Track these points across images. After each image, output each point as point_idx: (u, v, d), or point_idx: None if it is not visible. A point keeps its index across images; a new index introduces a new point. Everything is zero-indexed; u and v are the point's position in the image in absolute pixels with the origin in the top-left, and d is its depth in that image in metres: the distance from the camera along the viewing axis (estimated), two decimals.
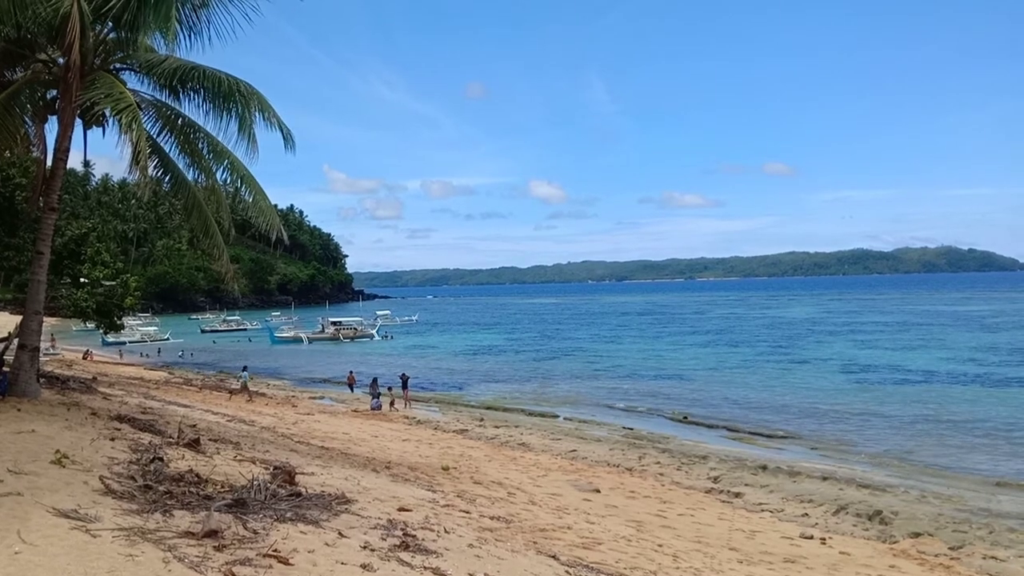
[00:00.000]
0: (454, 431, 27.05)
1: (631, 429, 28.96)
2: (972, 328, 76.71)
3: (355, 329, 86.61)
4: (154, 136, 15.71)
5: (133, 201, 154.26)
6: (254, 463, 10.49)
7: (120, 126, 13.09)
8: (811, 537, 14.08)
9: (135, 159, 12.99)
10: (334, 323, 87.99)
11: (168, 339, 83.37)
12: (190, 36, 14.86)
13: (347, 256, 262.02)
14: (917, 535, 15.00)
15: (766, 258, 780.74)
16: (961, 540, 14.71)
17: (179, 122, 15.89)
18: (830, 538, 14.27)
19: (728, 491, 18.78)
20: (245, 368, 36.96)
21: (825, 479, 20.04)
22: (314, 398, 37.00)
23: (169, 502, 6.72)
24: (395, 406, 32.77)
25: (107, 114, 14.01)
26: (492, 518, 10.83)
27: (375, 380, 34.16)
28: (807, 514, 16.68)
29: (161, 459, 8.47)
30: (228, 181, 16.42)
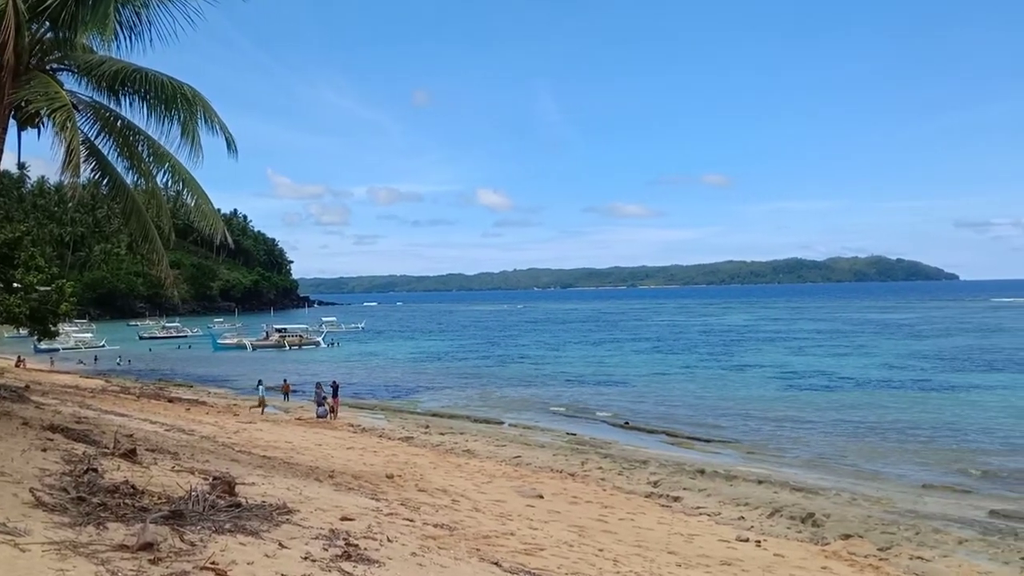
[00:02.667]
0: (399, 438, 26.95)
1: (574, 435, 29.26)
2: (899, 336, 79.38)
3: (301, 336, 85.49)
4: (91, 138, 15.37)
5: (70, 204, 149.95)
6: (193, 473, 10.35)
7: (54, 127, 12.81)
8: (747, 540, 14.41)
9: (68, 161, 12.72)
10: (279, 330, 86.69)
11: (104, 346, 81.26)
12: (130, 37, 14.58)
13: (292, 262, 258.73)
14: (848, 537, 15.46)
15: (705, 266, 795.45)
16: (889, 541, 15.21)
17: (118, 124, 15.56)
18: (765, 540, 14.62)
19: (667, 495, 19.11)
20: (260, 382, 35.98)
21: (760, 482, 20.53)
22: (256, 406, 36.38)
23: (103, 514, 6.60)
24: (335, 413, 32.39)
25: (42, 114, 13.68)
26: (436, 526, 10.85)
27: (319, 384, 33.76)
28: (743, 517, 17.06)
29: (96, 470, 8.31)
30: (169, 184, 16.15)
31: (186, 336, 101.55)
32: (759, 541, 14.46)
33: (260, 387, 34.98)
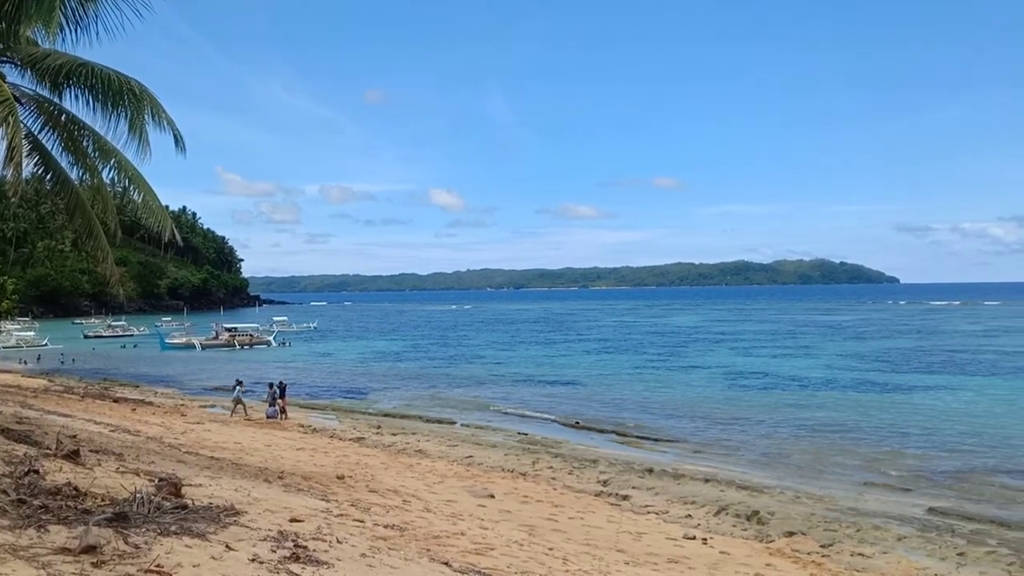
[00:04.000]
0: (351, 439, 26.79)
1: (526, 434, 29.40)
2: (841, 337, 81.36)
3: (251, 335, 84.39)
4: (35, 133, 15.05)
5: (12, 200, 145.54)
6: (138, 475, 10.19)
7: None
8: (694, 538, 14.66)
9: (10, 156, 12.44)
10: (229, 329, 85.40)
11: (47, 344, 79.29)
12: (76, 30, 14.31)
13: (242, 260, 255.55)
14: (791, 534, 15.81)
15: (655, 268, 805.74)
16: (831, 538, 15.59)
17: (63, 119, 15.25)
18: (711, 538, 14.88)
19: (617, 494, 19.32)
20: (240, 383, 35.11)
21: (707, 481, 20.87)
22: (205, 406, 35.91)
23: (44, 517, 6.49)
24: (285, 414, 32.05)
25: None
26: (386, 526, 10.84)
27: (271, 385, 33.37)
28: (690, 515, 17.34)
29: (37, 472, 8.15)
30: (115, 181, 15.88)
31: (132, 335, 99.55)
32: (706, 539, 14.72)
33: (238, 388, 34.14)
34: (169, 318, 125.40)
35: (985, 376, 45.64)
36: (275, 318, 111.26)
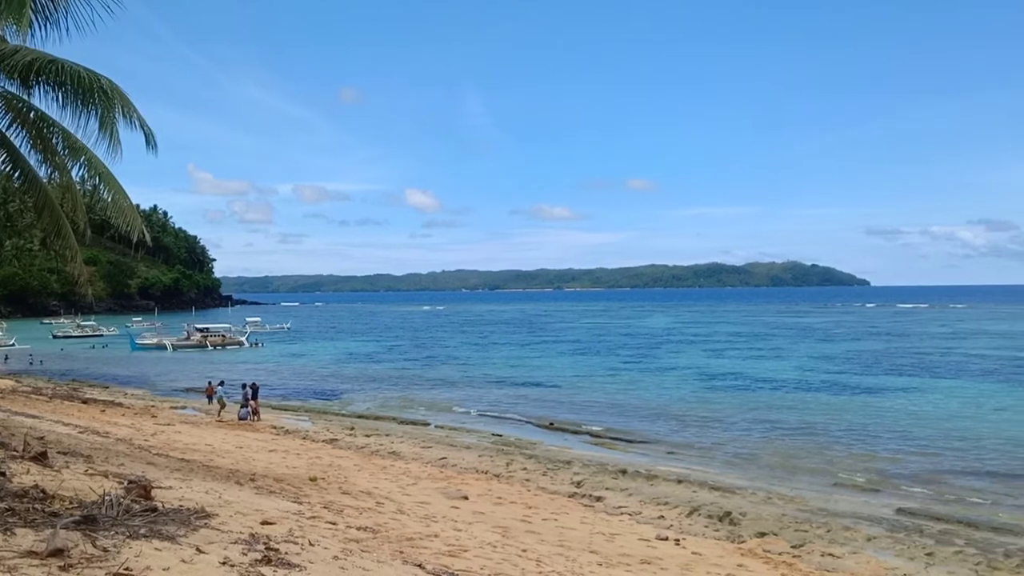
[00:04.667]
0: (324, 441, 26.66)
1: (500, 436, 29.44)
2: (812, 339, 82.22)
3: (223, 336, 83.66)
4: (3, 130, 14.81)
5: None
6: (107, 477, 10.08)
7: None
8: (666, 538, 14.74)
9: None
10: (200, 330, 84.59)
11: (14, 344, 78.18)
12: (46, 26, 14.12)
13: (214, 260, 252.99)
14: (763, 535, 15.96)
15: (629, 270, 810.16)
16: (802, 539, 15.76)
17: (31, 116, 15.02)
18: (684, 539, 14.98)
19: (590, 495, 19.39)
20: (222, 383, 34.67)
21: (680, 482, 21.02)
22: (176, 408, 35.56)
23: (11, 520, 6.40)
24: (257, 415, 31.82)
25: None
26: (359, 529, 10.80)
27: (243, 386, 33.12)
28: (663, 516, 17.44)
29: (3, 474, 8.04)
30: (85, 179, 15.66)
31: (102, 335, 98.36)
32: (678, 540, 14.81)
33: (220, 389, 33.83)
34: (140, 318, 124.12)
35: (953, 378, 46.32)
36: (248, 319, 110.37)
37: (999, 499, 19.88)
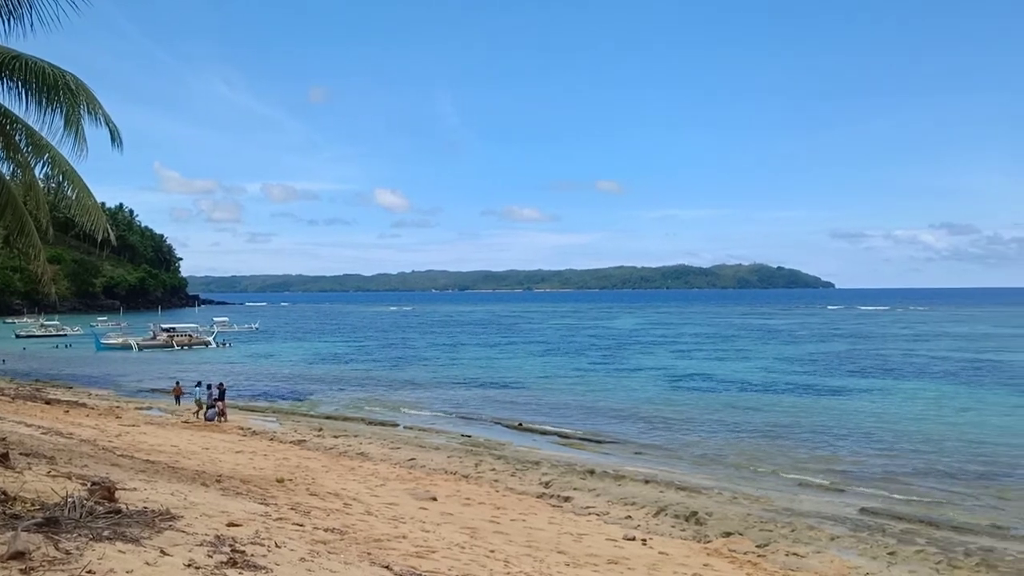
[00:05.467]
0: (291, 442, 26.49)
1: (469, 436, 29.48)
2: (777, 341, 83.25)
3: (190, 336, 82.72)
4: None
5: None
6: (70, 479, 9.96)
7: None
8: (633, 538, 14.86)
9: None
10: (166, 329, 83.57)
11: None
12: (9, 21, 13.88)
13: (181, 259, 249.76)
14: (728, 534, 16.14)
15: (598, 271, 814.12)
16: (767, 538, 15.96)
17: None
18: (650, 539, 15.10)
19: (558, 495, 19.48)
20: (199, 384, 34.09)
21: (647, 482, 21.19)
22: (141, 408, 35.10)
23: None
24: (224, 416, 31.54)
25: None
26: (326, 530, 10.77)
27: (209, 386, 32.80)
28: (630, 516, 17.57)
29: None
30: (49, 176, 15.43)
31: (66, 335, 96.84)
32: (645, 540, 14.93)
33: (198, 389, 33.35)
34: (105, 318, 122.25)
35: (914, 380, 47.11)
36: (216, 319, 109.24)
37: (959, 499, 20.26)
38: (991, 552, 15.39)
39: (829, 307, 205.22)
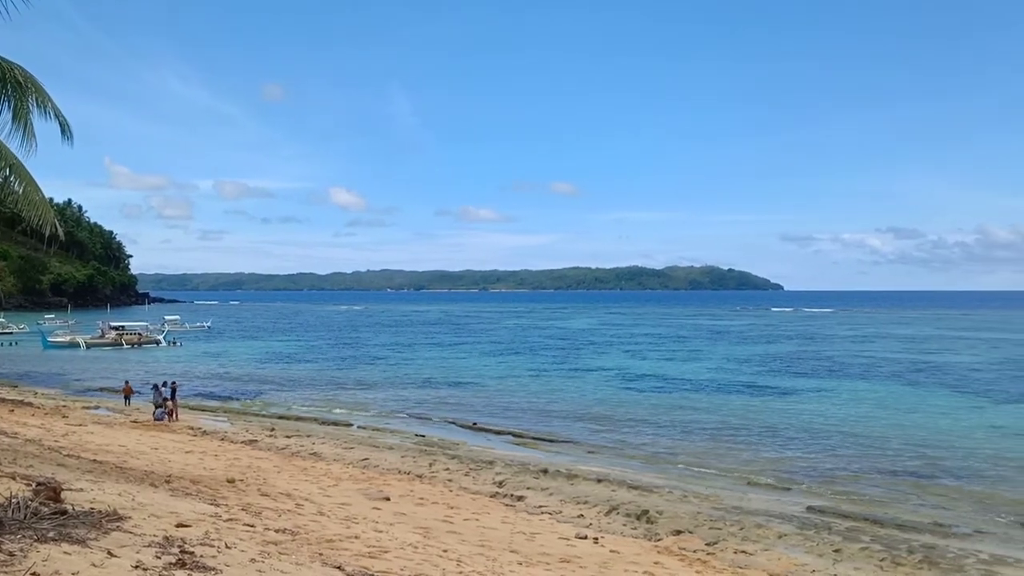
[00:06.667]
0: (243, 442, 26.20)
1: (423, 436, 29.46)
2: (727, 342, 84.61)
3: (139, 335, 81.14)
4: None
5: None
6: (14, 479, 9.76)
7: None
8: (585, 537, 15.02)
9: None
10: (115, 327, 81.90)
11: None
12: None
13: (131, 256, 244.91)
14: (679, 533, 16.40)
15: (553, 272, 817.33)
16: (716, 536, 16.25)
17: None
18: (602, 537, 15.28)
19: (512, 495, 19.58)
20: (166, 383, 33.14)
21: (600, 481, 21.39)
22: (88, 408, 34.38)
23: None
24: (173, 415, 31.04)
25: None
26: (278, 531, 10.71)
27: (156, 387, 32.22)
28: (582, 515, 17.75)
29: None
30: None
31: (12, 333, 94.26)
32: (597, 538, 15.10)
33: (166, 390, 32.42)
34: (52, 315, 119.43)
35: (860, 381, 48.19)
36: (167, 317, 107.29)
37: (903, 497, 20.82)
38: (933, 549, 15.81)
39: (773, 308, 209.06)
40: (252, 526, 10.58)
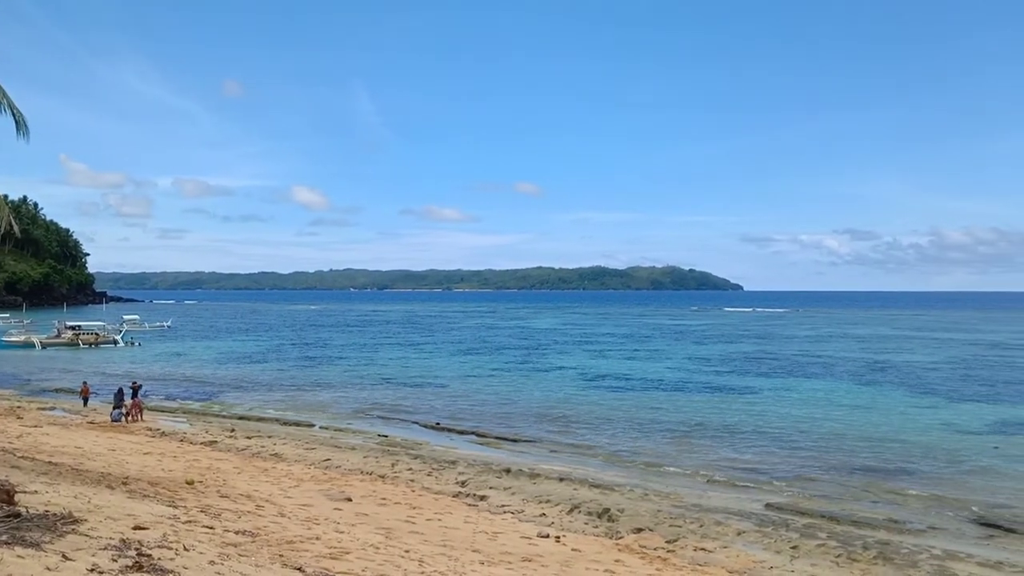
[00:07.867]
0: (202, 443, 25.92)
1: (386, 436, 29.38)
2: (687, 341, 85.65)
3: (96, 334, 79.67)
4: None
5: None
6: None
7: None
8: (547, 536, 15.12)
9: None
10: (71, 327, 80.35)
11: None
12: None
13: (88, 255, 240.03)
14: (639, 530, 16.56)
15: (516, 272, 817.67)
16: (676, 534, 16.44)
17: None
18: (564, 536, 15.39)
19: (474, 494, 19.62)
20: (133, 384, 32.37)
21: (562, 480, 21.52)
22: (43, 409, 33.72)
23: None
24: (131, 416, 30.60)
25: None
26: (238, 532, 10.64)
27: (120, 390, 31.70)
28: (545, 514, 17.84)
29: None
30: None
31: None
32: (559, 537, 15.20)
33: (128, 388, 31.83)
34: (7, 315, 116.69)
35: (817, 380, 48.99)
36: (125, 316, 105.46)
37: (859, 494, 21.25)
38: (888, 545, 16.15)
39: (726, 309, 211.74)
40: (211, 528, 10.50)
